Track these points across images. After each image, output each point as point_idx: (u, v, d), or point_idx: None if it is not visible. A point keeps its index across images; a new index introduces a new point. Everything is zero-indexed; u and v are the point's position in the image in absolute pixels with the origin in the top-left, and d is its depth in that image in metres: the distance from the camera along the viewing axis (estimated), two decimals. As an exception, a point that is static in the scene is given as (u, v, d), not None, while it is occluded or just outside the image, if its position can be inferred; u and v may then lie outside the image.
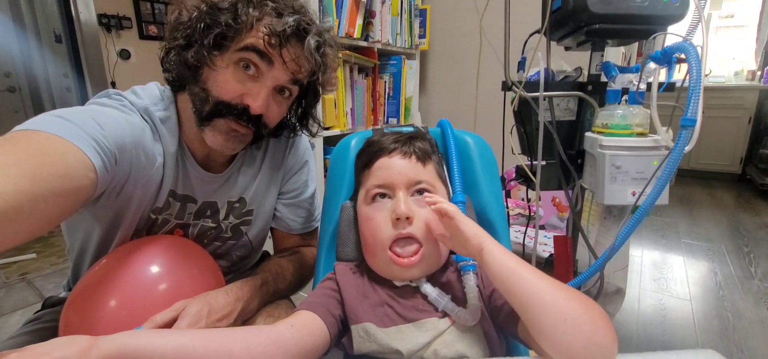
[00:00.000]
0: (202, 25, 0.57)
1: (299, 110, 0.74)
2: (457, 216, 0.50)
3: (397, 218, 0.54)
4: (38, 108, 3.21)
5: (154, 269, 0.58)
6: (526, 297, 0.42)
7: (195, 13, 0.58)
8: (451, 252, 0.60)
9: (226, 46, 0.58)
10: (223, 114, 0.60)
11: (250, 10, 0.57)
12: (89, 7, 2.72)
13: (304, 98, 0.72)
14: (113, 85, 2.86)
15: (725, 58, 4.09)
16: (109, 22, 2.79)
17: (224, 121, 0.60)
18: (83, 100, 3.02)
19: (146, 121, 0.60)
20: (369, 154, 0.62)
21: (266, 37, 0.57)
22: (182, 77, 0.62)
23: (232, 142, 0.62)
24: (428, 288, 0.54)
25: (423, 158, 0.60)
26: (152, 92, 0.65)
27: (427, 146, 0.62)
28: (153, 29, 3.00)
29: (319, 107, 0.76)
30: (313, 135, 0.78)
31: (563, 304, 0.41)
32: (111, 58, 2.84)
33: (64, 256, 2.14)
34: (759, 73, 3.76)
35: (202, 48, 0.57)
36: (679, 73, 0.72)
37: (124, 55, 2.89)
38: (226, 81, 0.59)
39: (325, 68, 0.65)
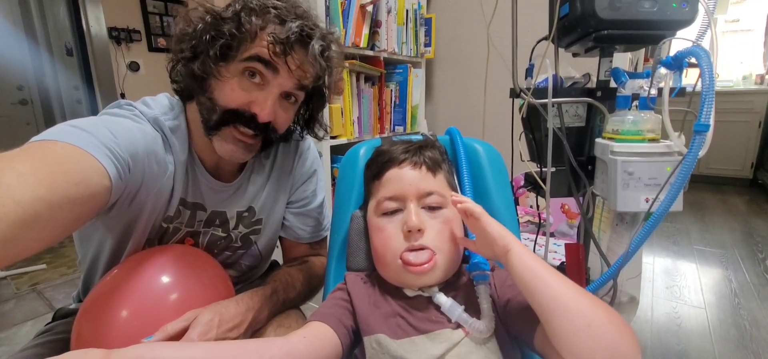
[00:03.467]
0: (207, 37, 0.58)
1: (306, 114, 0.74)
2: (483, 217, 0.50)
3: (409, 231, 0.54)
4: (49, 120, 3.27)
5: (165, 279, 0.58)
6: (550, 301, 0.42)
7: (200, 25, 0.59)
8: (464, 262, 0.59)
9: (232, 56, 0.58)
10: (231, 122, 0.60)
11: (253, 18, 0.57)
12: (100, 21, 2.78)
13: (311, 102, 0.72)
14: (123, 96, 2.91)
15: (733, 62, 4.06)
16: (119, 35, 2.85)
17: (231, 130, 0.61)
18: (94, 112, 3.06)
19: (157, 130, 0.61)
20: (379, 164, 0.61)
21: (270, 45, 0.57)
22: (190, 88, 0.63)
23: (240, 151, 0.63)
24: (442, 299, 0.53)
25: (433, 167, 0.60)
26: (162, 103, 0.65)
27: (436, 155, 0.62)
28: (162, 42, 3.05)
29: (326, 113, 0.76)
30: (319, 139, 0.78)
31: (588, 311, 0.40)
32: (121, 71, 2.89)
33: (74, 266, 2.15)
34: (767, 77, 3.72)
35: (208, 59, 0.58)
36: (687, 78, 0.72)
37: (134, 67, 2.94)
38: (232, 90, 0.59)
39: (331, 72, 0.65)
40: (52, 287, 1.95)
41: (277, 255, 0.89)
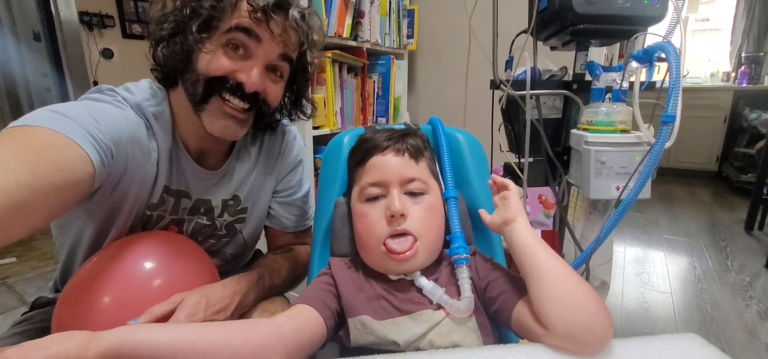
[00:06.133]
0: (187, 11, 0.58)
1: (292, 97, 0.74)
2: (513, 190, 0.56)
3: (392, 216, 0.55)
4: (15, 107, 3.11)
5: (149, 264, 0.57)
6: (542, 269, 0.47)
7: (178, 2, 0.59)
8: (445, 247, 0.61)
9: (213, 28, 0.58)
10: (217, 90, 0.59)
11: None
12: (70, 5, 2.66)
13: (295, 81, 0.72)
14: (95, 84, 2.79)
15: (701, 60, 4.24)
16: (91, 21, 2.73)
17: (219, 102, 0.60)
18: (63, 99, 2.92)
19: (140, 116, 0.60)
20: (362, 151, 0.63)
21: (250, 11, 0.57)
22: (173, 69, 0.62)
23: (231, 126, 0.62)
24: (423, 282, 0.55)
25: (415, 155, 0.61)
26: (144, 88, 0.64)
27: (419, 143, 0.64)
28: (136, 28, 2.94)
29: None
30: (307, 117, 0.78)
31: (574, 280, 0.45)
32: (93, 58, 2.78)
33: (46, 260, 2.08)
34: (733, 74, 3.91)
35: (190, 35, 0.58)
36: (659, 74, 0.75)
37: (107, 54, 2.83)
38: (217, 59, 0.59)
39: (312, 42, 0.66)
40: (23, 281, 1.89)
41: (261, 246, 0.89)
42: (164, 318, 0.52)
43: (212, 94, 0.60)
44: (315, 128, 1.53)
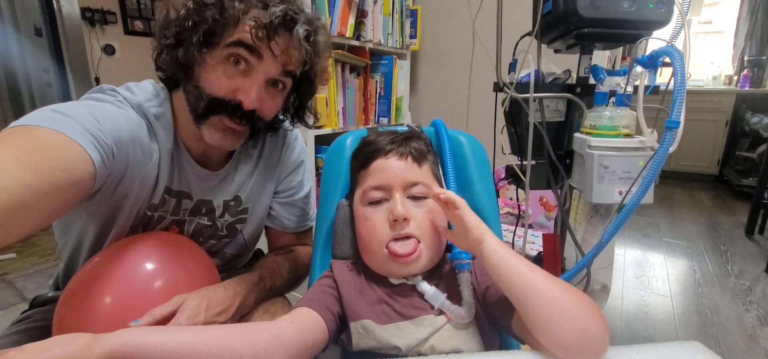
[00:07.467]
0: (190, 23, 0.57)
1: (295, 103, 0.74)
2: (463, 207, 0.52)
3: (395, 220, 0.55)
4: (17, 103, 3.11)
5: (150, 265, 0.57)
6: (523, 290, 0.44)
7: (182, 11, 0.58)
8: (447, 251, 0.61)
9: (215, 43, 0.58)
10: (218, 111, 0.60)
11: (236, 3, 0.57)
12: (72, 1, 2.65)
13: (299, 89, 0.71)
14: (97, 81, 2.80)
15: (704, 63, 4.22)
16: (93, 17, 2.73)
17: (219, 118, 0.60)
18: (65, 95, 2.91)
19: (141, 117, 0.60)
20: (365, 154, 0.62)
21: (253, 30, 0.56)
22: (175, 76, 0.62)
23: (229, 139, 0.62)
24: (425, 286, 0.55)
25: (419, 158, 0.61)
26: (146, 89, 0.64)
27: (422, 146, 0.63)
28: (138, 24, 2.94)
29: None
30: (309, 127, 0.77)
31: (559, 297, 0.42)
32: (95, 54, 2.78)
33: (45, 256, 2.08)
34: (736, 77, 3.90)
35: (192, 46, 0.57)
36: (661, 76, 0.75)
37: (109, 50, 2.83)
38: (217, 77, 0.58)
39: (317, 58, 0.65)
40: (23, 277, 1.89)
41: (261, 244, 0.89)
42: (165, 320, 0.52)
43: (213, 113, 0.60)
44: (317, 127, 1.53)
